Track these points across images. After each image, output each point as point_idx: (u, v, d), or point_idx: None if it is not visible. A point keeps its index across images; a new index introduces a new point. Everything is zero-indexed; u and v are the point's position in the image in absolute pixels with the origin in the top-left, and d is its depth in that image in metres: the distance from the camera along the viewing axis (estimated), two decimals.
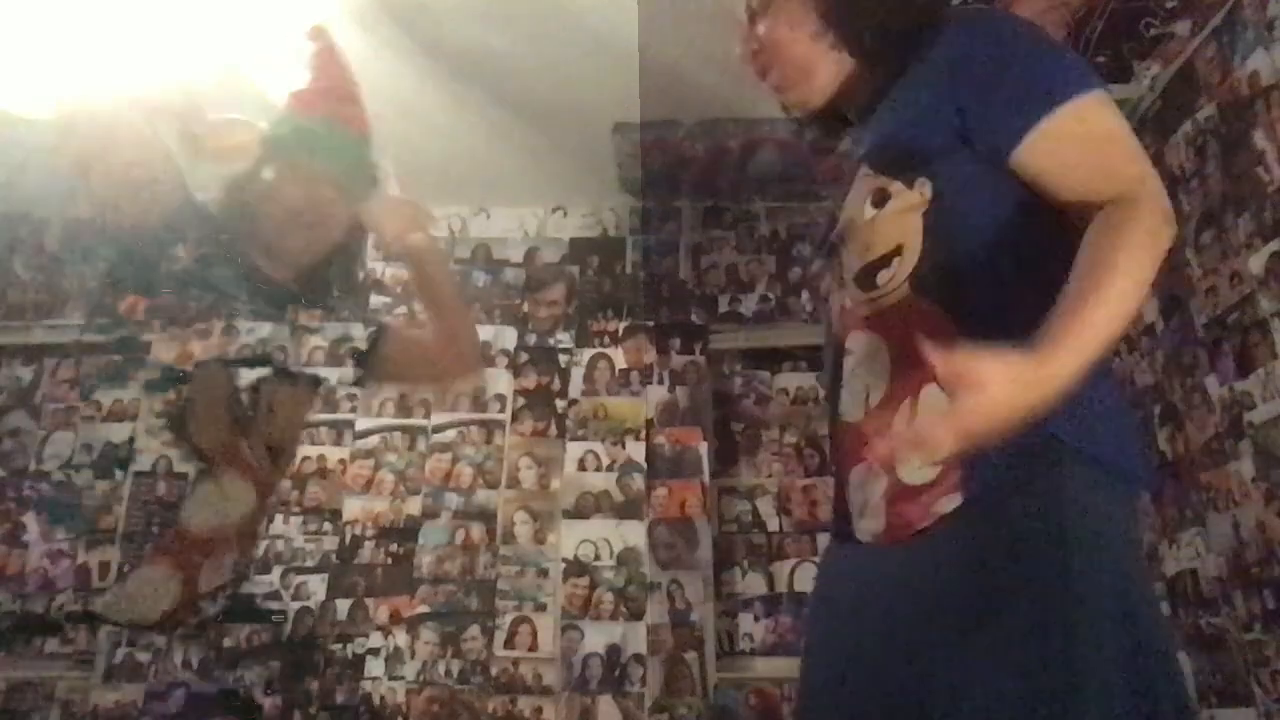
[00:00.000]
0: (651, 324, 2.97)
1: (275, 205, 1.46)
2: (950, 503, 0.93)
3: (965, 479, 0.92)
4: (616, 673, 2.54)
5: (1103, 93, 0.96)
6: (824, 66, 1.16)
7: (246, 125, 1.53)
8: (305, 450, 2.78)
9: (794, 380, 2.94)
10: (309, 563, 2.68)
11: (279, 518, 2.67)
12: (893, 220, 1.02)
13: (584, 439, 2.81)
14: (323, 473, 2.79)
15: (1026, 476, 0.90)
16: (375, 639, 2.61)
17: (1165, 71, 2.41)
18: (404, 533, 2.72)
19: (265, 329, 1.41)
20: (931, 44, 1.04)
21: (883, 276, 1.02)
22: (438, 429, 2.84)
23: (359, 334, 1.48)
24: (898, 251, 1.01)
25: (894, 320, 1.01)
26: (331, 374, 1.47)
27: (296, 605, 2.63)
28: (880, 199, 1.03)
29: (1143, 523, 2.00)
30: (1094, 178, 0.93)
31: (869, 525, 1.03)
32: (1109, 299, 0.85)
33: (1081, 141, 0.94)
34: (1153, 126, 2.54)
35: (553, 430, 2.84)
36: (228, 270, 1.43)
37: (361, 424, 2.85)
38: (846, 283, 1.07)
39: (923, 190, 1.00)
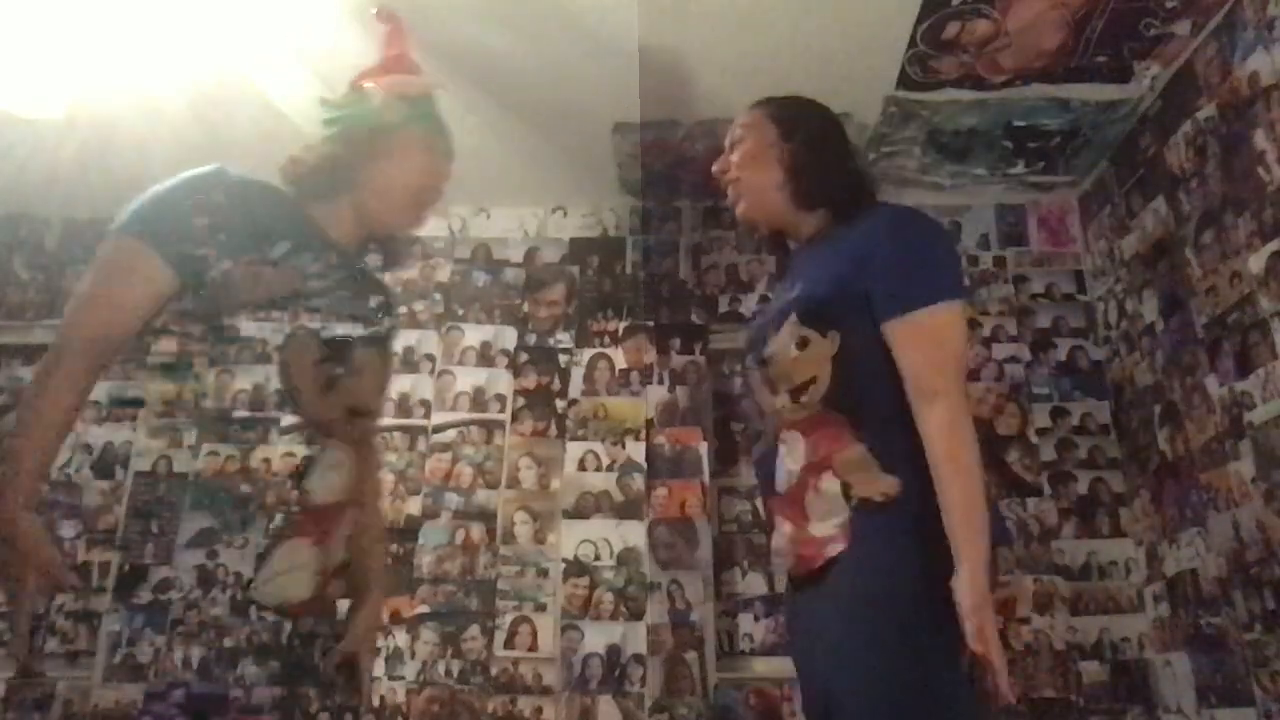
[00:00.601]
0: (651, 324, 2.97)
1: (399, 175, 1.42)
2: (837, 548, 1.33)
3: (848, 533, 1.33)
4: (616, 673, 2.54)
5: (959, 304, 1.38)
6: (775, 201, 1.54)
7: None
8: (306, 450, 2.78)
9: None
10: None
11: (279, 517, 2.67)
12: (810, 359, 1.40)
13: (584, 439, 2.81)
14: None
15: (889, 534, 1.30)
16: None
17: (1165, 71, 2.41)
18: (404, 533, 2.71)
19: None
20: (859, 219, 1.46)
21: (803, 397, 1.41)
22: (438, 429, 2.84)
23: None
24: (813, 380, 1.39)
25: (809, 425, 1.40)
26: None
27: None
28: (803, 344, 1.41)
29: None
30: (924, 366, 1.33)
31: (782, 563, 1.47)
32: (968, 501, 1.26)
33: (927, 336, 1.33)
34: (1153, 126, 2.54)
35: (553, 430, 2.84)
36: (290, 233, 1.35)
37: None
38: (779, 393, 1.44)
39: (833, 339, 1.38)
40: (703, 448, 2.80)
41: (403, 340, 2.95)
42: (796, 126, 1.55)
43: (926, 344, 1.33)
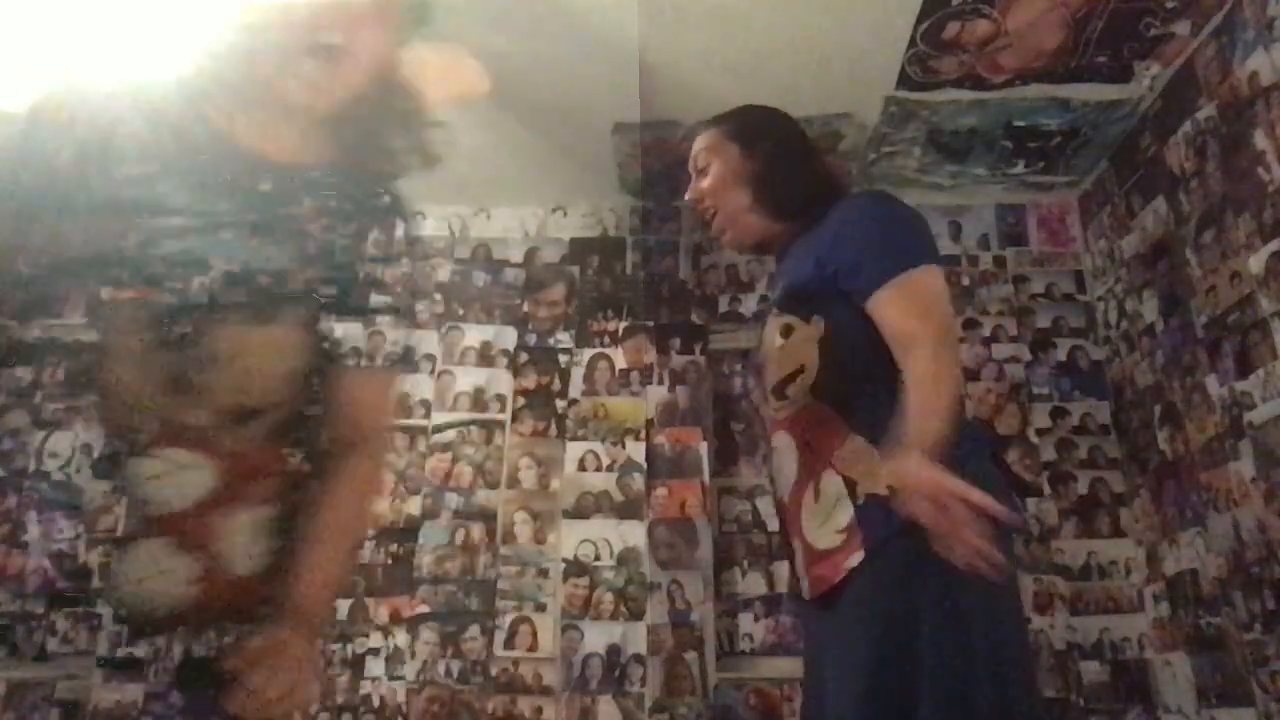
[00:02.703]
0: (651, 324, 2.97)
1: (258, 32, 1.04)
2: (855, 559, 1.25)
3: (863, 539, 1.25)
4: (616, 673, 2.54)
5: (934, 267, 1.34)
6: (751, 220, 1.54)
7: None
8: None
9: None
10: None
11: None
12: (796, 347, 1.38)
13: (584, 439, 2.81)
14: None
15: (907, 528, 1.17)
16: (375, 639, 2.61)
17: (1165, 71, 2.41)
18: (404, 533, 2.71)
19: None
20: (829, 212, 1.44)
21: (791, 389, 1.38)
22: (438, 429, 2.84)
23: (359, 338, 1.09)
24: (801, 370, 1.37)
25: (801, 421, 1.37)
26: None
27: None
28: (787, 332, 1.40)
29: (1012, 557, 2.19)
30: (902, 318, 1.29)
31: (804, 586, 1.37)
32: (931, 404, 1.22)
33: (906, 294, 1.30)
34: (1153, 126, 2.54)
35: (553, 430, 2.84)
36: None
37: None
38: (767, 396, 1.42)
39: (817, 324, 1.37)
40: (703, 448, 2.79)
41: (402, 340, 2.95)
42: (755, 141, 1.56)
43: (905, 301, 1.30)
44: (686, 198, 1.64)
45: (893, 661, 1.18)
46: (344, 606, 2.65)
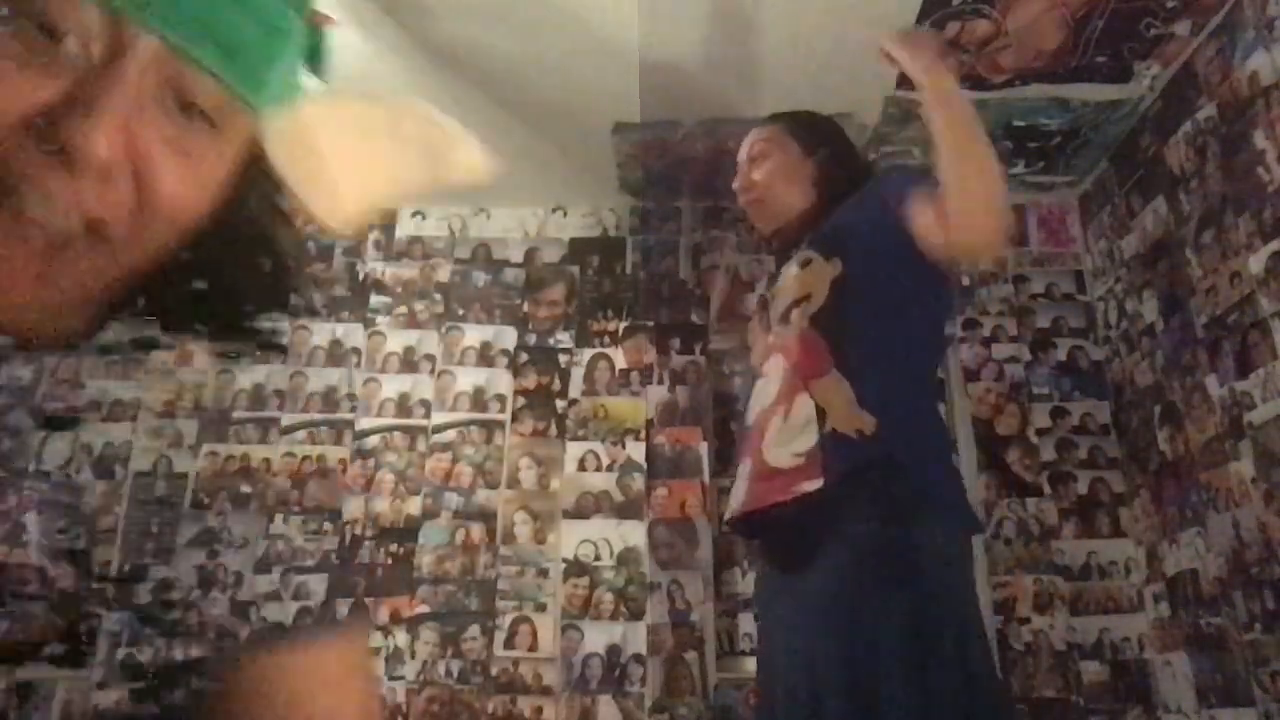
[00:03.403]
0: (651, 324, 2.97)
1: None
2: (811, 485, 1.25)
3: (824, 467, 1.25)
4: (616, 673, 2.54)
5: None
6: (803, 216, 1.59)
7: None
8: (305, 450, 2.78)
9: None
10: (309, 563, 2.68)
11: (279, 518, 2.66)
12: (810, 277, 1.44)
13: (584, 439, 2.81)
14: (323, 473, 2.79)
15: (870, 481, 1.23)
16: (375, 639, 2.61)
17: (1165, 71, 2.41)
18: (404, 533, 2.71)
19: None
20: (860, 188, 1.54)
21: (794, 314, 1.44)
22: (438, 429, 2.84)
23: (359, 338, 0.96)
24: (806, 298, 1.43)
25: (794, 345, 1.41)
26: (331, 374, 1.23)
27: (296, 605, 2.63)
28: (805, 264, 1.47)
29: (974, 559, 2.23)
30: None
31: (734, 503, 1.40)
32: (976, 141, 1.37)
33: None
34: (1153, 126, 2.54)
35: (553, 430, 2.84)
36: None
37: (361, 424, 2.84)
38: (773, 322, 1.49)
39: (835, 264, 1.43)
40: (703, 448, 2.80)
41: (403, 340, 2.95)
42: (816, 142, 1.62)
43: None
44: (735, 185, 1.67)
45: (858, 644, 1.19)
46: (344, 606, 2.65)
